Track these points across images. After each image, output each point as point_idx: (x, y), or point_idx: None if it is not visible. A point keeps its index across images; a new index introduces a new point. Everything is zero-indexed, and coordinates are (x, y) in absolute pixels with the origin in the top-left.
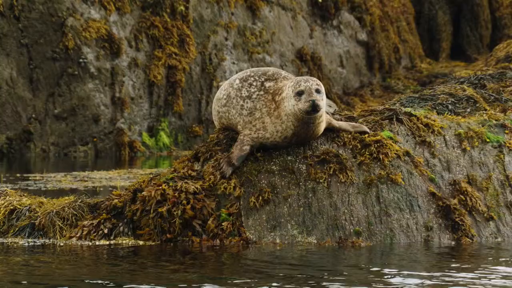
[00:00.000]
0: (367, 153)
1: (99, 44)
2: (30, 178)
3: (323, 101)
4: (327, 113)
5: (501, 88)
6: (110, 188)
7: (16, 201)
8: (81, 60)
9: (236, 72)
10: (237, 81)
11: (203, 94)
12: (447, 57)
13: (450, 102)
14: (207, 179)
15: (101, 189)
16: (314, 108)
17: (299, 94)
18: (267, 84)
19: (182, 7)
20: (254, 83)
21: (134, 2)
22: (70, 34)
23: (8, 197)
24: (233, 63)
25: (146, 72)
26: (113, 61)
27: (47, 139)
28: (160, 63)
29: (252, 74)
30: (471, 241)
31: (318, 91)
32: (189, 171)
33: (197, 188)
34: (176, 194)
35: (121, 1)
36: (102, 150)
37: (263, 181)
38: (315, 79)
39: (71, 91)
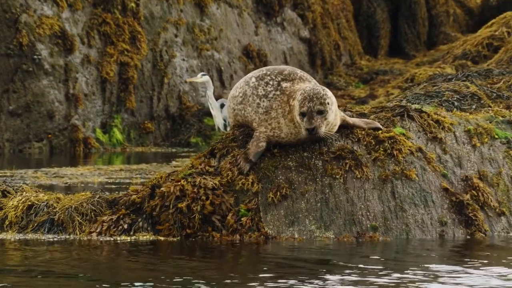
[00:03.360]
0: (381, 149)
1: (52, 40)
2: (1, 175)
3: (326, 121)
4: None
5: (488, 85)
6: (90, 184)
7: (33, 196)
8: (35, 56)
9: (186, 69)
10: (253, 79)
11: (154, 90)
12: (385, 54)
13: (455, 99)
14: (225, 175)
15: (82, 185)
16: (312, 134)
17: (303, 114)
18: (284, 85)
19: (133, 4)
20: (271, 82)
21: None
22: (24, 30)
23: (25, 192)
24: (183, 59)
25: (99, 68)
26: (66, 57)
27: (1, 135)
28: (112, 59)
29: (268, 73)
30: (484, 236)
31: (320, 112)
32: (207, 167)
33: (215, 184)
34: (195, 190)
35: None
36: (57, 147)
37: (280, 177)
38: (322, 94)
39: (25, 87)
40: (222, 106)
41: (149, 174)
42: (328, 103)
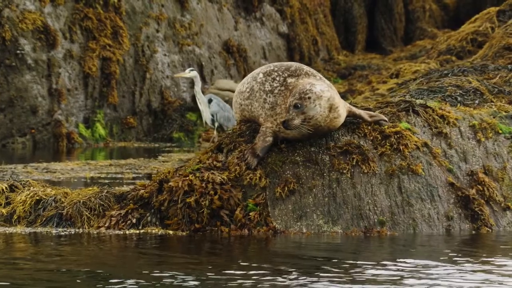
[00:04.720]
0: (387, 144)
1: (35, 35)
2: None
3: (303, 115)
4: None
5: (485, 81)
6: (83, 179)
7: (41, 191)
8: (18, 51)
9: (168, 64)
10: (261, 75)
11: (136, 85)
12: (363, 49)
13: (458, 94)
14: (233, 170)
15: (75, 180)
16: (284, 127)
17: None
18: (289, 80)
19: None
20: (277, 78)
21: None
22: (7, 25)
23: (32, 187)
24: (165, 55)
25: (81, 63)
26: (49, 52)
27: None
28: (94, 54)
29: (276, 68)
30: (490, 230)
31: (295, 106)
32: (214, 162)
33: (223, 178)
34: (203, 185)
35: None
36: (40, 142)
37: (287, 171)
38: (306, 89)
39: (8, 82)
40: (210, 101)
41: (139, 169)
42: (308, 98)
